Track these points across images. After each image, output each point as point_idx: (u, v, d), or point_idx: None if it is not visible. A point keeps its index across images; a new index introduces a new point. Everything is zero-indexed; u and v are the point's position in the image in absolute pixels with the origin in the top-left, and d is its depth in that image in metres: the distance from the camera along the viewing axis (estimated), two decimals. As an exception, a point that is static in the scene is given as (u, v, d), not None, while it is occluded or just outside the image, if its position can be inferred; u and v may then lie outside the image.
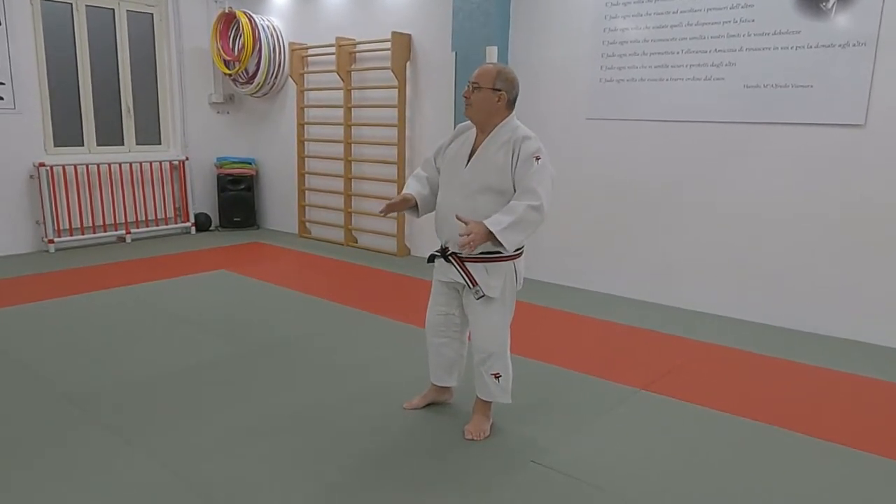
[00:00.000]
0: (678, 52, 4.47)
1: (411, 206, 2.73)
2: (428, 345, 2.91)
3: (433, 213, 2.78)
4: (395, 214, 5.07)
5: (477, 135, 2.62)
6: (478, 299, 2.58)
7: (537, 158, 2.46)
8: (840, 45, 3.86)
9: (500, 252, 2.51)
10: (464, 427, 2.79)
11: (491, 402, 2.81)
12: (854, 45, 3.82)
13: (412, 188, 2.75)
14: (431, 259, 2.76)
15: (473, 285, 2.56)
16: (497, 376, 2.72)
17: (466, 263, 2.58)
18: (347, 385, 3.26)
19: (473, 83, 2.54)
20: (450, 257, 2.62)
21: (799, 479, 2.48)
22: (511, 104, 2.59)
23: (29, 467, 2.46)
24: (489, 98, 2.53)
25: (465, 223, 2.39)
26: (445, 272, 2.69)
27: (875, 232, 3.89)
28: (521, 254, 2.63)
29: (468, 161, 2.59)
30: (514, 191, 2.49)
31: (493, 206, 2.48)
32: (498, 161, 2.50)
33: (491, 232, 2.36)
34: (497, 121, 2.57)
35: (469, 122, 2.66)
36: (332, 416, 2.93)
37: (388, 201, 2.73)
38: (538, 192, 2.42)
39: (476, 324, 2.68)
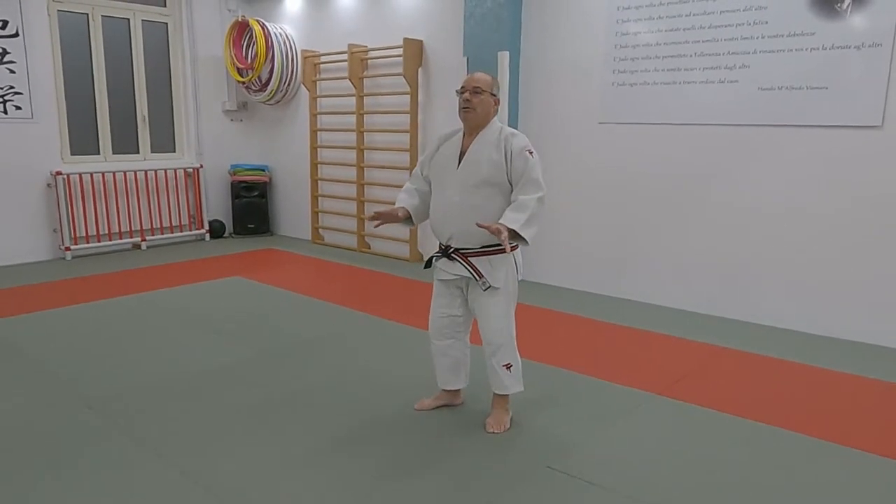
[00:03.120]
0: (691, 55, 4.45)
1: (403, 217, 2.85)
2: (432, 348, 2.97)
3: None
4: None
5: (464, 138, 2.74)
6: (485, 290, 2.68)
7: (530, 152, 2.62)
8: (855, 47, 3.83)
9: (500, 244, 2.57)
10: (485, 420, 2.84)
11: (508, 395, 2.84)
12: (870, 45, 3.78)
13: (404, 201, 2.88)
14: (429, 264, 2.87)
15: (480, 278, 2.66)
16: (508, 366, 2.79)
17: (471, 258, 2.68)
18: (361, 388, 3.26)
19: (476, 87, 2.66)
20: (453, 254, 2.71)
21: (820, 485, 2.44)
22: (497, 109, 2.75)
23: (48, 471, 2.48)
24: (489, 102, 2.69)
25: (487, 226, 2.50)
26: (449, 269, 2.76)
27: (895, 234, 3.84)
28: (518, 245, 2.72)
29: (459, 162, 2.70)
30: (510, 183, 2.64)
31: (490, 199, 2.64)
32: (492, 157, 2.64)
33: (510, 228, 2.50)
34: (488, 122, 2.71)
35: (451, 129, 2.82)
36: (348, 418, 2.93)
37: (379, 210, 2.83)
38: (540, 182, 2.61)
39: (483, 318, 2.76)
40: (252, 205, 7.52)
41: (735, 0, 4.22)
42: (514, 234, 2.52)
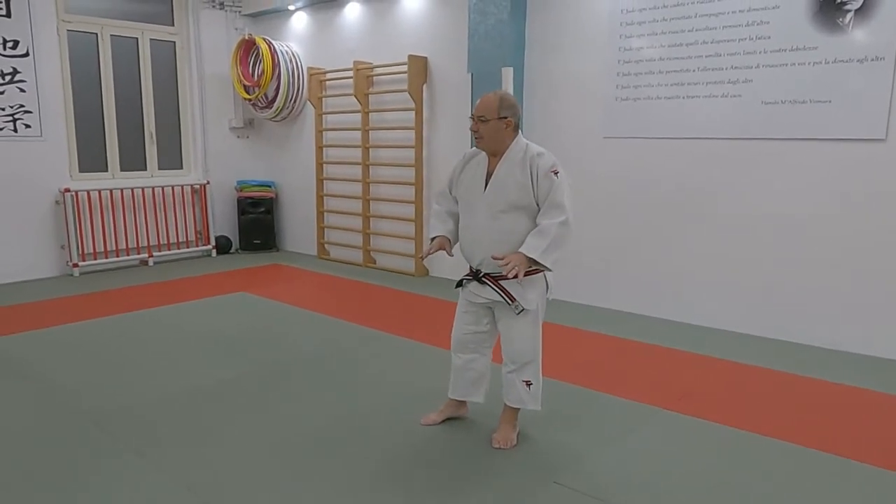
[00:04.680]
0: (694, 70, 4.47)
1: (449, 246, 2.82)
2: (454, 362, 2.95)
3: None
4: (415, 236, 5.06)
5: (489, 159, 2.70)
6: (518, 314, 2.65)
7: (555, 173, 2.57)
8: (858, 60, 3.84)
9: (532, 267, 2.56)
10: (491, 435, 2.83)
11: (518, 410, 2.85)
12: (872, 59, 3.79)
13: (439, 229, 2.83)
14: (460, 284, 2.83)
15: (512, 301, 2.62)
16: (528, 383, 2.77)
17: (501, 281, 2.64)
18: (366, 403, 3.26)
19: (479, 117, 2.61)
20: (484, 278, 2.68)
21: (831, 500, 2.43)
22: (517, 127, 2.68)
23: (55, 486, 2.48)
24: (497, 127, 2.61)
25: (502, 258, 2.48)
26: (479, 293, 2.73)
27: (900, 247, 3.84)
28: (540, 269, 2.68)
29: (486, 184, 2.66)
30: (537, 205, 2.59)
31: (518, 222, 2.59)
32: (517, 180, 2.59)
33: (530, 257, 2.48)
34: (508, 144, 2.65)
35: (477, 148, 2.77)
36: (352, 433, 2.93)
37: (428, 251, 2.80)
38: (564, 205, 2.55)
39: (510, 337, 2.74)
40: (258, 221, 7.56)
41: (738, 15, 4.25)
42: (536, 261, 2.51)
